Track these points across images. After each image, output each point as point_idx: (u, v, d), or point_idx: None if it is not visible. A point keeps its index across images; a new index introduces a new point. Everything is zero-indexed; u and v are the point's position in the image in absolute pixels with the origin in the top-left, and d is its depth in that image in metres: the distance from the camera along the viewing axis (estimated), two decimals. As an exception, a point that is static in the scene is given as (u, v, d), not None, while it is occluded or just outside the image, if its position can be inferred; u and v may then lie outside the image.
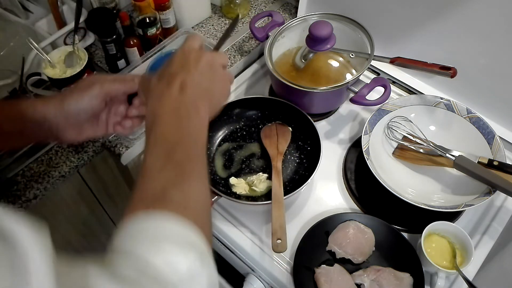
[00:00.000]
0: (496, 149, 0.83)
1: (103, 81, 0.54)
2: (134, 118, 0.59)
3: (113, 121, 0.58)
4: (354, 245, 0.77)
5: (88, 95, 0.53)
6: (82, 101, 0.53)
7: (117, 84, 0.55)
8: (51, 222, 0.98)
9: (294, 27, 0.97)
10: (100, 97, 0.54)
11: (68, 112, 0.53)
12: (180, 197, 0.40)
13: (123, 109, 0.58)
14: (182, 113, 0.46)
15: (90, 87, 0.54)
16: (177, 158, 0.43)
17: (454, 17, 0.86)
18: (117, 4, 1.04)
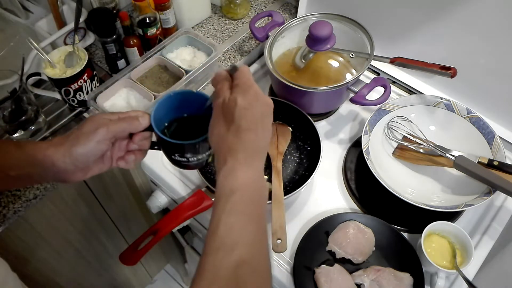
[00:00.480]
0: (496, 149, 0.83)
1: (108, 123, 0.54)
2: (136, 151, 0.59)
3: (116, 156, 0.58)
4: (354, 245, 0.77)
5: (95, 140, 0.53)
6: (90, 146, 0.53)
7: (122, 125, 0.55)
8: (51, 222, 0.98)
9: (294, 27, 0.97)
10: (107, 140, 0.54)
11: (77, 158, 0.53)
12: (253, 282, 0.42)
13: (125, 144, 0.58)
14: (258, 188, 0.48)
15: (96, 131, 0.53)
16: (249, 236, 0.44)
17: (454, 17, 0.86)
18: (117, 4, 1.04)
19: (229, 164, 0.48)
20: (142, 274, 1.58)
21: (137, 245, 0.78)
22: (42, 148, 0.53)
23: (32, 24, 1.02)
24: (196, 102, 0.58)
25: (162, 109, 0.58)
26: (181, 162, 0.58)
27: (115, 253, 1.28)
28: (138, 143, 0.57)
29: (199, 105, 0.58)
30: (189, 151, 0.56)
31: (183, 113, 0.60)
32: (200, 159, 0.58)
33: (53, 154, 0.53)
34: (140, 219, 1.30)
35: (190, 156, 0.57)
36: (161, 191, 0.96)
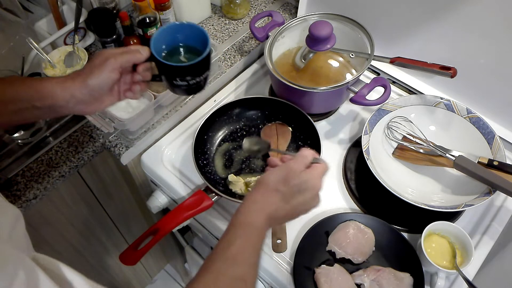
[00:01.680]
0: (496, 149, 0.83)
1: (115, 55, 0.60)
2: (140, 82, 0.65)
3: (123, 89, 0.65)
4: (354, 245, 0.77)
5: (107, 69, 0.59)
6: (103, 75, 0.60)
7: (127, 56, 0.61)
8: (51, 222, 0.98)
9: (294, 27, 0.97)
10: (116, 69, 0.60)
11: (92, 88, 0.60)
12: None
13: (129, 77, 0.64)
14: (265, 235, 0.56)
15: (106, 62, 0.60)
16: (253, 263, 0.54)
17: (454, 17, 0.86)
18: (117, 4, 1.04)
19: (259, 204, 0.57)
20: (142, 274, 1.58)
21: (137, 245, 0.78)
22: (60, 81, 0.60)
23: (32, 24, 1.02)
24: (189, 32, 0.65)
25: (160, 40, 0.63)
26: (182, 87, 0.64)
27: (115, 253, 1.29)
28: (141, 73, 0.63)
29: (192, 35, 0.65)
30: (188, 73, 0.62)
31: (178, 42, 0.66)
32: (198, 81, 0.64)
33: (70, 86, 0.59)
34: (140, 219, 1.30)
35: (190, 79, 0.62)
36: (161, 191, 0.96)
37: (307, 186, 0.57)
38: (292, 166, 0.58)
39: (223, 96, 1.04)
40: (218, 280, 0.49)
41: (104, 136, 0.93)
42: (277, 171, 0.59)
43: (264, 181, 0.59)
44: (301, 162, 0.59)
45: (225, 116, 0.94)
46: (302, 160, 0.60)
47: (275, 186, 0.57)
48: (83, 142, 0.92)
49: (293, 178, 0.57)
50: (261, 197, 0.57)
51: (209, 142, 0.93)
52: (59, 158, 0.90)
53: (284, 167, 0.59)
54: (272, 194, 0.57)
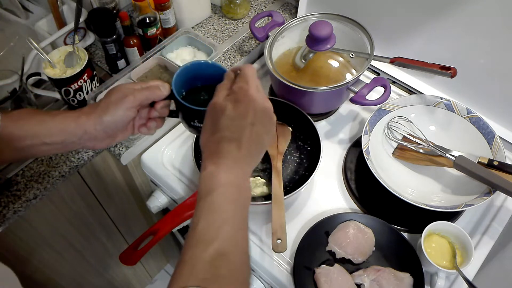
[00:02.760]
0: (496, 149, 0.83)
1: (134, 92, 0.58)
2: (157, 118, 0.63)
3: (138, 124, 0.62)
4: (354, 245, 0.77)
5: (124, 108, 0.57)
6: (120, 113, 0.57)
7: (146, 93, 0.58)
8: (51, 222, 0.98)
9: (294, 27, 0.97)
10: (134, 107, 0.58)
11: (107, 125, 0.57)
12: (228, 274, 0.43)
13: (146, 112, 0.62)
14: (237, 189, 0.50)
15: (123, 100, 0.57)
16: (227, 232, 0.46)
17: (454, 17, 0.86)
18: (117, 4, 1.04)
19: (208, 169, 0.50)
20: (142, 274, 1.58)
21: (137, 245, 0.78)
22: (74, 116, 0.57)
23: (32, 24, 1.02)
24: (211, 72, 0.62)
25: (180, 78, 0.62)
26: (198, 128, 0.61)
27: (115, 253, 1.29)
28: (159, 110, 0.61)
29: (214, 75, 0.61)
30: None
31: (199, 82, 0.64)
32: None
33: (85, 122, 0.57)
34: (140, 219, 1.30)
35: None
36: (161, 191, 0.96)
37: (241, 110, 0.50)
38: (213, 102, 0.52)
39: (223, 96, 1.04)
40: (194, 268, 0.43)
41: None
42: (204, 123, 0.54)
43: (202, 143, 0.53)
44: (221, 90, 0.53)
45: (225, 116, 0.94)
46: (221, 87, 0.54)
47: (212, 138, 0.51)
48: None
49: (220, 113, 0.51)
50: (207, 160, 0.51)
51: (209, 142, 0.93)
52: (59, 158, 0.90)
53: (208, 112, 0.53)
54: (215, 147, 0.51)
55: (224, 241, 0.45)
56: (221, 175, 0.49)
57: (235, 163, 0.50)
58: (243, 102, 0.51)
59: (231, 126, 0.50)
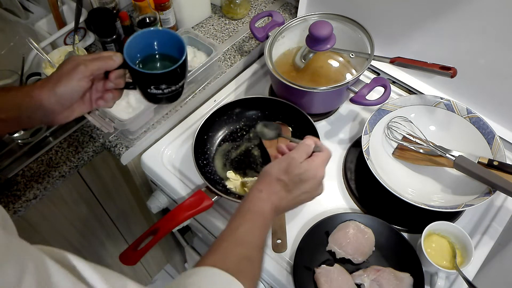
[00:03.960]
0: (496, 149, 0.83)
1: (86, 62, 0.57)
2: (113, 90, 0.62)
3: (95, 97, 0.62)
4: (354, 245, 0.77)
5: (77, 77, 0.57)
6: (72, 83, 0.57)
7: (98, 63, 0.58)
8: (51, 222, 0.98)
9: (294, 27, 0.97)
10: (87, 77, 0.58)
11: (62, 96, 0.57)
12: (250, 272, 0.52)
13: (101, 85, 0.61)
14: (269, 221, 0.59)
15: (75, 69, 0.57)
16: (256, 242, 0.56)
17: (454, 17, 0.86)
18: (117, 4, 1.04)
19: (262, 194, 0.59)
20: (142, 274, 1.58)
21: (137, 245, 0.78)
22: (27, 90, 0.57)
23: (32, 24, 1.02)
24: (165, 40, 0.62)
25: (134, 47, 0.61)
26: (157, 95, 0.61)
27: (115, 253, 1.29)
28: (114, 81, 0.60)
29: (168, 42, 0.62)
30: (163, 81, 0.59)
31: (154, 50, 0.64)
32: (174, 90, 0.62)
33: (38, 94, 0.56)
34: (140, 219, 1.30)
35: (165, 87, 0.60)
36: (161, 191, 0.96)
37: (308, 176, 0.60)
38: (293, 156, 0.60)
39: (223, 96, 1.04)
40: (225, 258, 0.51)
41: (104, 136, 0.93)
42: (279, 161, 0.61)
43: (267, 172, 0.61)
44: (302, 151, 0.61)
45: (225, 116, 0.94)
46: (304, 149, 0.62)
47: (277, 176, 0.60)
48: (83, 142, 0.92)
49: (294, 168, 0.59)
50: (265, 187, 0.59)
51: (209, 142, 0.93)
52: (59, 158, 0.90)
53: (285, 158, 0.61)
54: (275, 183, 0.60)
55: (256, 251, 0.55)
56: (267, 205, 0.58)
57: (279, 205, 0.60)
58: (312, 174, 0.60)
59: (296, 182, 0.60)
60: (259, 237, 0.56)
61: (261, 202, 0.58)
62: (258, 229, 0.56)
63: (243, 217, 0.57)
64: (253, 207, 0.58)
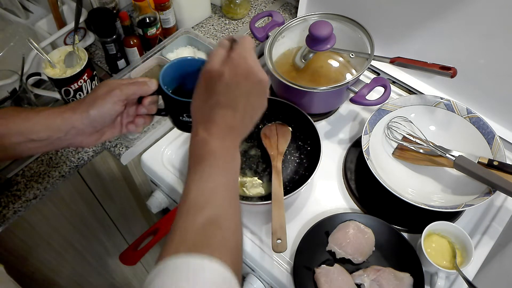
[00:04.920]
0: (496, 149, 0.83)
1: (121, 86, 0.57)
2: (145, 116, 0.62)
3: (126, 121, 0.62)
4: (354, 245, 0.77)
5: (111, 101, 0.56)
6: (106, 107, 0.56)
7: (133, 88, 0.58)
8: (51, 222, 0.98)
9: (294, 27, 0.97)
10: (121, 101, 0.58)
11: (95, 119, 0.57)
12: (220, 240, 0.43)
13: (134, 109, 0.62)
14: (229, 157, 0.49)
15: (110, 93, 0.57)
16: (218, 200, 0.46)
17: (454, 17, 0.86)
18: (117, 4, 1.04)
19: (200, 136, 0.50)
20: (142, 274, 1.58)
21: (137, 245, 0.78)
22: (59, 112, 0.56)
23: (32, 24, 1.02)
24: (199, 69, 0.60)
25: (168, 74, 0.61)
26: (188, 123, 0.61)
27: (115, 253, 1.29)
28: (146, 106, 0.60)
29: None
30: None
31: (188, 81, 0.62)
32: None
33: (70, 116, 0.56)
34: (140, 219, 1.30)
35: None
36: (161, 191, 0.96)
37: (235, 74, 0.49)
38: (207, 69, 0.51)
39: (223, 96, 1.04)
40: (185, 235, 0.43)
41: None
42: (198, 86, 0.52)
43: (192, 106, 0.53)
44: (215, 56, 0.51)
45: (225, 116, 0.94)
46: (216, 53, 0.51)
47: (202, 102, 0.51)
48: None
49: (214, 78, 0.50)
50: (198, 124, 0.51)
51: (209, 142, 0.93)
52: (59, 158, 0.90)
53: (200, 77, 0.52)
54: (205, 111, 0.50)
55: (215, 208, 0.45)
56: (213, 142, 0.48)
57: (228, 131, 0.50)
58: (242, 70, 0.50)
59: (228, 93, 0.49)
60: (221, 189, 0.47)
61: (204, 146, 0.48)
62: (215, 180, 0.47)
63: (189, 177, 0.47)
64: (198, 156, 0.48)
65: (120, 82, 0.58)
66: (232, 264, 0.42)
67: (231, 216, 0.47)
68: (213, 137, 0.49)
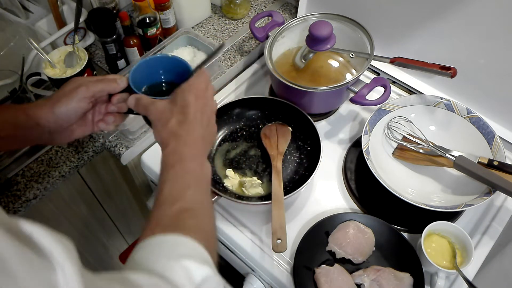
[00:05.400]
0: (496, 149, 0.83)
1: (88, 83, 0.57)
2: (115, 114, 0.62)
3: (97, 119, 0.62)
4: (354, 245, 0.77)
5: (76, 98, 0.56)
6: (71, 104, 0.56)
7: (101, 85, 0.58)
8: (51, 222, 0.98)
9: (294, 27, 0.97)
10: (87, 98, 0.57)
11: (59, 117, 0.56)
12: (193, 224, 0.46)
13: (104, 108, 0.61)
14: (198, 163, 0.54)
15: (76, 90, 0.56)
16: (191, 194, 0.50)
17: (454, 17, 0.86)
18: (117, 4, 1.04)
19: (171, 146, 0.54)
20: (142, 274, 1.58)
21: (137, 245, 0.78)
22: (24, 108, 0.56)
23: (32, 24, 1.02)
24: (173, 67, 0.61)
25: (140, 72, 0.60)
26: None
27: (115, 253, 1.29)
28: (116, 104, 0.60)
29: (176, 70, 0.61)
30: None
31: (160, 78, 0.63)
32: None
33: (35, 113, 0.55)
34: (140, 219, 1.30)
35: None
36: (161, 191, 0.95)
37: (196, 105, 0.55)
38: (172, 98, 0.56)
39: (223, 96, 1.04)
40: (160, 220, 0.46)
41: (104, 136, 0.93)
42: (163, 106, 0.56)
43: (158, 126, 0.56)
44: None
45: (225, 116, 0.94)
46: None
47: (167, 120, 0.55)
48: (83, 142, 0.92)
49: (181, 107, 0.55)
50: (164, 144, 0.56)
51: (209, 142, 0.93)
52: (59, 158, 0.90)
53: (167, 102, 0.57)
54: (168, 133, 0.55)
55: (188, 201, 0.49)
56: (182, 149, 0.53)
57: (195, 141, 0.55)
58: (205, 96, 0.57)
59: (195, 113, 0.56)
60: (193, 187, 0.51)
61: (174, 155, 0.54)
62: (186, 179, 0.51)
63: (162, 177, 0.53)
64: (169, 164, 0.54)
65: (88, 79, 0.58)
66: (207, 246, 0.44)
67: (204, 210, 0.50)
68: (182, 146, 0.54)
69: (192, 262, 0.40)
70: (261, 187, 0.86)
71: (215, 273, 0.42)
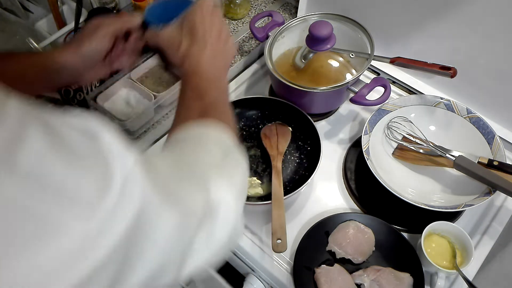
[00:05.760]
0: (496, 149, 0.83)
1: (107, 22, 0.60)
2: (130, 53, 0.65)
3: (115, 59, 0.64)
4: (354, 245, 0.77)
5: (98, 37, 0.59)
6: (94, 43, 0.59)
7: (120, 23, 0.61)
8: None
9: (294, 27, 0.97)
10: (108, 36, 0.60)
11: (84, 56, 0.59)
12: (217, 114, 0.51)
13: (121, 48, 0.64)
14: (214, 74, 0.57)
15: (98, 29, 0.59)
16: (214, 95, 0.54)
17: (454, 17, 0.86)
18: (117, 4, 1.04)
19: (185, 66, 0.57)
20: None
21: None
22: (51, 55, 0.58)
23: (32, 24, 1.02)
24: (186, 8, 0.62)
25: (154, 12, 0.62)
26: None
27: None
28: (133, 43, 0.63)
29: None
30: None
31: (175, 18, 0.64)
32: None
33: (60, 56, 0.58)
34: (140, 219, 1.30)
35: None
36: (161, 191, 0.95)
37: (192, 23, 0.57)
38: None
39: (223, 96, 1.04)
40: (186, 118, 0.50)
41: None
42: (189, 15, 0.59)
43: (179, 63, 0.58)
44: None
45: (225, 116, 0.94)
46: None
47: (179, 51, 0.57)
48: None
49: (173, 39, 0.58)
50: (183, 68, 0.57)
51: (209, 142, 0.93)
52: (59, 158, 0.89)
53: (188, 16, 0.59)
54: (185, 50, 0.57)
55: (211, 97, 0.53)
56: (195, 67, 0.56)
57: (205, 61, 0.57)
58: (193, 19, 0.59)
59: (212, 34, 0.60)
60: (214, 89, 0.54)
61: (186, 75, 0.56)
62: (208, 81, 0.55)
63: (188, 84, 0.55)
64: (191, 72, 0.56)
65: (105, 19, 0.61)
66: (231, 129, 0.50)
67: (223, 102, 0.55)
68: (194, 66, 0.56)
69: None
70: (261, 187, 0.86)
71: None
